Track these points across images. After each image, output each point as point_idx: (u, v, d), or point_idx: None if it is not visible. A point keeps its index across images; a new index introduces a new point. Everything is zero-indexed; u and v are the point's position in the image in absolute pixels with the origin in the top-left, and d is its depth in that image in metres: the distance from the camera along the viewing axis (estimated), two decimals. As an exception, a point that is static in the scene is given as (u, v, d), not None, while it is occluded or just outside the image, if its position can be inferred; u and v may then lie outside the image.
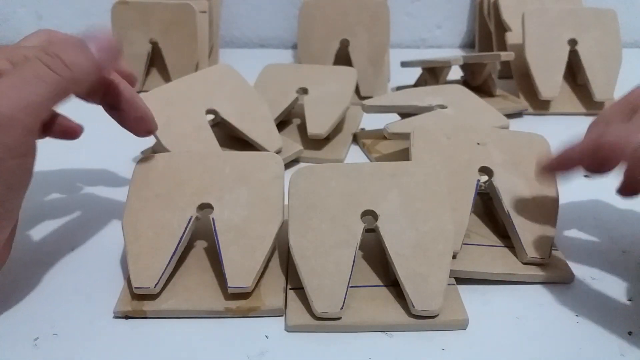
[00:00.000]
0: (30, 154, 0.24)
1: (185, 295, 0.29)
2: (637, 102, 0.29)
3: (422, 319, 0.27)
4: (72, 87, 0.25)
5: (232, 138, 0.44)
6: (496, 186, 0.33)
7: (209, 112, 0.41)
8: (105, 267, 0.32)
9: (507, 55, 0.51)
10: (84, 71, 0.25)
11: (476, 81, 0.56)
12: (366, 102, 0.46)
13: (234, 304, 0.28)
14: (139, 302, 0.28)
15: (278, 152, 0.42)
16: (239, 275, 0.28)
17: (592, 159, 0.26)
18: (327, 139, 0.46)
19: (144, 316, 0.28)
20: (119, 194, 0.39)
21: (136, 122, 0.31)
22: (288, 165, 0.43)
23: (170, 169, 0.32)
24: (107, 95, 0.29)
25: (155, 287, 0.28)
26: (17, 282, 0.30)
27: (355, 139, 0.48)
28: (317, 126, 0.44)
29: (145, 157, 0.33)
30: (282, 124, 0.48)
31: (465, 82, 0.58)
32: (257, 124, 0.42)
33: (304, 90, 0.47)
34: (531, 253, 0.30)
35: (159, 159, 0.33)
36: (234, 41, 0.77)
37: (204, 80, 0.42)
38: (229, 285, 0.28)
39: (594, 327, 0.28)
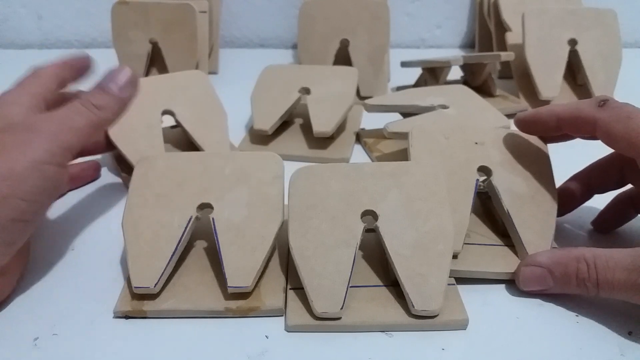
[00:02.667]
0: (64, 166, 0.29)
1: (185, 295, 0.29)
2: None
3: (422, 319, 0.27)
4: (104, 123, 0.31)
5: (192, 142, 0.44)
6: (495, 185, 0.33)
7: (165, 112, 0.42)
8: (105, 267, 0.32)
9: (507, 56, 0.51)
10: (111, 109, 0.31)
11: (476, 81, 0.56)
12: (368, 101, 0.46)
13: (234, 304, 0.28)
14: (139, 302, 0.28)
15: None
16: (238, 275, 0.28)
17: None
18: (332, 138, 0.46)
19: (144, 316, 0.28)
20: (119, 193, 0.39)
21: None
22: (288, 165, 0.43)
23: (170, 169, 0.32)
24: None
25: (155, 286, 0.28)
26: (17, 282, 0.30)
27: (358, 138, 0.48)
28: (322, 124, 0.44)
29: (146, 157, 0.33)
30: (284, 124, 0.48)
31: (466, 82, 0.58)
32: (210, 133, 0.42)
33: (306, 90, 0.47)
34: (532, 251, 0.30)
35: (159, 159, 0.33)
36: (234, 41, 0.77)
37: (171, 82, 0.43)
38: (228, 285, 0.28)
39: (594, 327, 0.28)
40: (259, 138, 0.46)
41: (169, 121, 0.42)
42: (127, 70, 0.33)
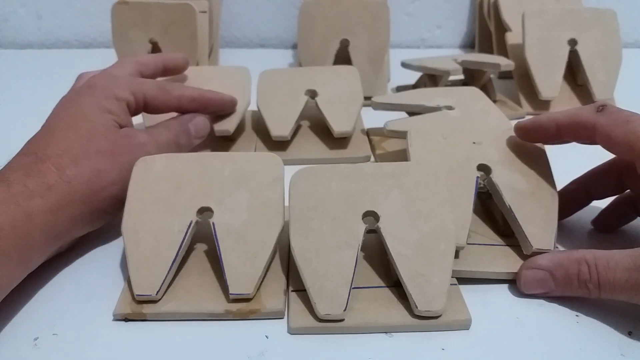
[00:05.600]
0: None
1: (186, 297, 0.29)
2: None
3: (425, 320, 0.27)
4: (178, 150, 0.38)
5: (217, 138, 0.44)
6: (495, 182, 0.33)
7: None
8: (106, 268, 0.32)
9: (507, 66, 0.51)
10: (187, 146, 0.39)
11: (476, 85, 0.55)
12: (375, 98, 0.46)
13: (234, 307, 0.28)
14: (138, 305, 0.28)
15: None
16: (240, 282, 0.28)
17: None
18: (346, 138, 0.46)
19: (143, 319, 0.28)
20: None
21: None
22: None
23: (168, 171, 0.32)
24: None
25: (156, 294, 0.28)
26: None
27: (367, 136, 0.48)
28: (341, 124, 0.44)
29: (143, 158, 0.32)
30: None
31: (465, 84, 0.57)
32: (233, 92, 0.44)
33: (312, 93, 0.46)
34: (536, 244, 0.30)
35: (157, 160, 0.32)
36: (234, 41, 0.77)
37: (214, 71, 0.47)
38: (230, 292, 0.28)
39: (594, 327, 0.28)
40: (275, 144, 0.45)
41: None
42: (203, 120, 0.40)
